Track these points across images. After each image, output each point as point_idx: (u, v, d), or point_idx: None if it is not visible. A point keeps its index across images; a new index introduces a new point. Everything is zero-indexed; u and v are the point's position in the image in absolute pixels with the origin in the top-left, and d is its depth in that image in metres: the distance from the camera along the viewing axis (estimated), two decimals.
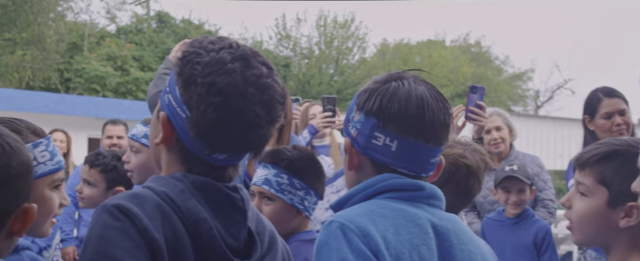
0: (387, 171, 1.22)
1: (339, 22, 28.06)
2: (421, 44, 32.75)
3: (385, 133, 1.20)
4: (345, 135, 1.28)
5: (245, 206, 1.17)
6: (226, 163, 1.16)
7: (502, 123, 3.77)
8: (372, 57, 31.15)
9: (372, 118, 1.21)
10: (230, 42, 1.15)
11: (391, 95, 1.21)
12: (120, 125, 5.02)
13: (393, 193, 1.21)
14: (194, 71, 1.10)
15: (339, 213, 1.18)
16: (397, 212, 1.18)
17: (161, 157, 1.20)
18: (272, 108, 1.13)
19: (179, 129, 1.13)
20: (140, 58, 23.11)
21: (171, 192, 1.11)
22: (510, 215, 3.18)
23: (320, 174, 1.98)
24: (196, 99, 1.09)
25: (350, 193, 1.25)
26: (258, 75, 1.12)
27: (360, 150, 1.23)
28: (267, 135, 1.16)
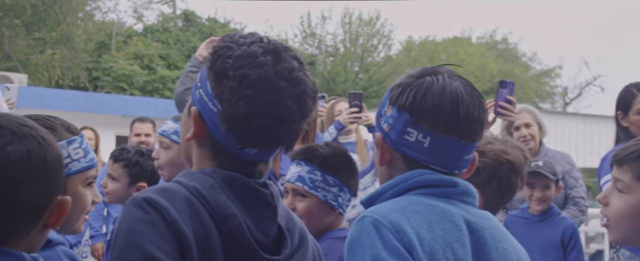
0: (419, 167, 1.20)
1: (364, 20, 27.99)
2: (447, 41, 32.50)
3: (418, 129, 1.18)
4: (377, 130, 1.26)
5: (275, 202, 1.17)
6: (257, 158, 1.16)
7: (531, 120, 3.72)
8: (397, 54, 31.01)
9: (405, 113, 1.19)
10: (261, 37, 1.15)
11: (425, 90, 1.19)
12: (148, 123, 5.07)
13: (426, 189, 1.19)
14: (225, 65, 1.11)
15: (371, 209, 1.16)
16: (431, 208, 1.16)
17: (192, 152, 1.20)
18: (303, 102, 1.13)
19: (210, 124, 1.13)
20: (167, 56, 23.32)
21: (201, 187, 1.11)
22: (535, 212, 3.12)
23: (354, 171, 1.97)
24: (228, 93, 1.09)
25: (381, 188, 1.24)
26: (289, 69, 1.12)
27: (392, 145, 1.22)
28: (298, 130, 1.15)
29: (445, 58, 29.64)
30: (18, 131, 1.00)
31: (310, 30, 28.39)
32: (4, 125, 0.99)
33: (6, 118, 1.00)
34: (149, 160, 2.49)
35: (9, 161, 0.97)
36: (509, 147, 1.70)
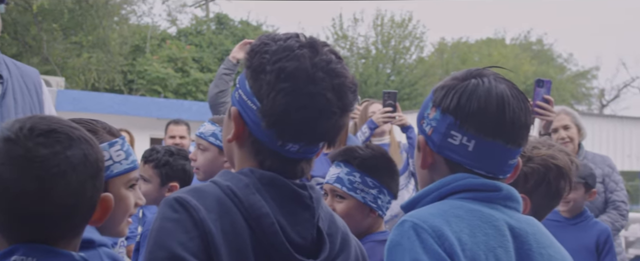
0: (462, 171, 1.18)
1: (396, 22, 27.86)
2: (480, 42, 32.16)
3: (463, 132, 1.16)
4: (419, 132, 1.24)
5: (313, 204, 1.15)
6: (299, 155, 1.14)
7: (570, 122, 3.64)
8: (429, 56, 30.79)
9: (449, 116, 1.17)
10: (297, 33, 1.15)
11: (470, 92, 1.16)
12: (182, 125, 5.12)
13: (468, 193, 1.16)
14: (262, 60, 1.11)
15: (411, 213, 1.14)
16: (472, 213, 1.13)
17: (234, 154, 1.19)
18: (343, 95, 1.11)
19: (250, 122, 1.12)
20: (200, 59, 23.55)
21: (235, 186, 1.11)
22: (565, 215, 3.06)
23: (394, 173, 1.95)
24: (266, 87, 1.09)
25: (422, 192, 1.21)
26: (327, 61, 1.11)
27: (434, 148, 1.19)
28: (340, 124, 1.13)
29: (478, 60, 29.33)
30: (72, 135, 1.03)
31: (342, 32, 28.38)
32: (59, 130, 1.02)
33: (59, 123, 1.03)
34: (180, 159, 2.49)
35: (71, 165, 1.00)
36: (556, 151, 1.68)
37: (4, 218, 1.01)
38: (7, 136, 1.01)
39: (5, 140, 1.00)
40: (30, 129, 1.01)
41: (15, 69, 2.63)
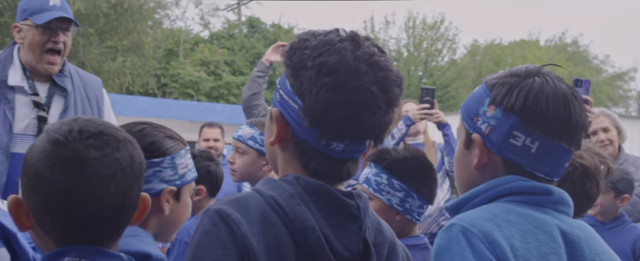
0: (521, 173, 1.13)
1: (428, 24, 27.66)
2: (514, 44, 31.73)
3: (527, 133, 1.11)
4: (470, 130, 1.18)
5: (361, 214, 1.10)
6: (345, 155, 1.09)
7: (609, 125, 3.56)
8: (462, 58, 30.49)
9: (513, 115, 1.12)
10: (337, 28, 1.11)
11: (536, 92, 1.11)
12: (216, 128, 5.16)
13: (517, 196, 1.12)
14: (302, 56, 1.07)
15: (460, 217, 1.10)
16: (524, 217, 1.09)
17: (277, 158, 1.15)
18: (388, 88, 1.06)
19: (292, 122, 1.08)
20: (232, 63, 23.71)
21: (279, 197, 1.06)
22: (600, 218, 2.99)
23: (426, 177, 1.89)
24: (307, 84, 1.05)
25: (469, 194, 1.17)
26: (370, 54, 1.06)
27: (493, 148, 1.14)
28: (386, 119, 1.08)
29: (511, 61, 28.94)
30: (119, 136, 1.03)
31: (374, 35, 28.28)
32: (107, 132, 1.02)
33: (105, 125, 1.04)
34: (203, 161, 2.49)
35: (120, 167, 1.00)
36: (586, 152, 1.64)
37: (53, 219, 1.01)
38: (55, 138, 1.00)
39: (54, 142, 1.00)
40: (79, 131, 1.00)
41: (79, 80, 2.71)
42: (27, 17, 2.58)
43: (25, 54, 2.62)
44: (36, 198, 1.00)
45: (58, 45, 2.59)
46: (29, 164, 1.01)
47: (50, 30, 2.57)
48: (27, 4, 2.62)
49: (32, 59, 2.59)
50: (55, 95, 2.63)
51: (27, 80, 2.59)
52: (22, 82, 2.59)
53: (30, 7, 2.59)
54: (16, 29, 2.63)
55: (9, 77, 2.57)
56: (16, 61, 2.62)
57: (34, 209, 1.01)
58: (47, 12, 2.55)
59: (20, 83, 2.58)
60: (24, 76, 2.60)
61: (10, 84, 2.56)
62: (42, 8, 2.56)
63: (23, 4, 2.64)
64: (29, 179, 1.01)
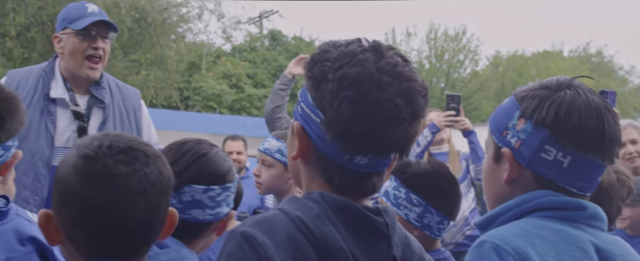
0: (552, 188, 1.10)
1: (450, 35, 27.58)
2: (537, 55, 31.47)
3: (559, 147, 1.09)
4: (500, 143, 1.16)
5: (389, 232, 1.07)
6: (369, 169, 1.05)
7: (638, 136, 3.50)
8: (484, 69, 30.31)
9: (544, 129, 1.09)
10: (359, 38, 1.08)
11: (568, 105, 1.09)
12: (239, 141, 5.17)
13: (549, 211, 1.09)
14: (323, 68, 1.04)
15: (491, 233, 1.07)
16: (557, 233, 1.06)
17: (300, 172, 1.12)
18: (413, 99, 1.03)
19: (314, 136, 1.05)
20: (254, 75, 23.84)
21: (306, 216, 1.02)
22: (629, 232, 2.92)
23: (447, 192, 1.83)
24: (329, 97, 1.02)
25: (499, 210, 1.14)
26: (393, 64, 1.03)
27: (523, 162, 1.12)
28: (411, 132, 1.04)
29: (535, 73, 28.69)
30: (148, 152, 1.03)
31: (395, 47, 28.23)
32: (136, 147, 1.03)
33: (134, 140, 1.04)
34: None
35: (149, 182, 1.01)
36: None
37: (83, 234, 1.01)
38: (86, 153, 1.01)
39: (85, 157, 1.00)
40: (109, 147, 1.01)
41: (117, 91, 2.73)
42: (66, 26, 2.62)
43: (65, 63, 2.64)
44: (67, 213, 1.01)
45: (98, 51, 2.61)
46: (60, 178, 1.02)
47: (90, 37, 2.60)
48: (66, 13, 2.66)
49: (73, 67, 2.62)
50: (94, 107, 2.65)
51: (67, 92, 2.62)
52: (64, 95, 2.61)
53: (69, 15, 2.63)
54: (56, 39, 2.66)
55: (51, 90, 2.60)
56: (57, 74, 2.65)
57: (65, 223, 1.02)
58: (86, 18, 2.59)
59: (62, 95, 2.61)
60: (65, 88, 2.62)
61: (52, 96, 2.59)
62: (80, 15, 2.60)
63: (62, 13, 2.68)
64: (59, 193, 1.02)
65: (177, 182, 1.40)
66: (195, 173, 1.44)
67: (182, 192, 1.43)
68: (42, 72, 2.64)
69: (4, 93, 1.45)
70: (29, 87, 2.59)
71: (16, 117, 1.45)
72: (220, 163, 1.47)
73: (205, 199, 1.45)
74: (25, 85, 2.59)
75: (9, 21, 14.22)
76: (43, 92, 2.59)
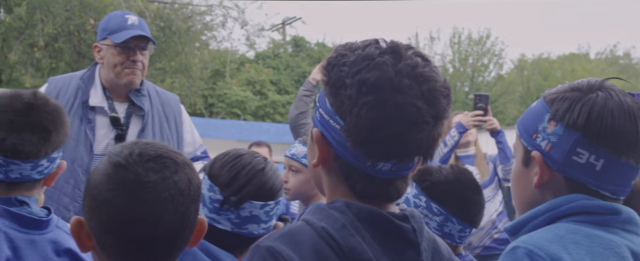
0: (584, 192, 1.08)
1: (474, 39, 27.40)
2: (563, 58, 31.11)
3: (592, 150, 1.06)
4: (529, 147, 1.14)
5: (417, 238, 1.03)
6: (393, 175, 1.02)
7: None
8: (509, 73, 30.05)
9: (575, 132, 1.07)
10: (376, 39, 1.04)
11: (601, 107, 1.07)
12: (264, 147, 5.20)
13: (583, 216, 1.07)
14: (341, 73, 1.00)
15: (523, 239, 1.05)
16: (591, 238, 1.03)
17: (322, 179, 1.09)
18: (435, 100, 0.98)
19: (335, 143, 1.01)
20: (277, 82, 23.96)
21: (331, 228, 0.99)
22: None
23: (469, 201, 1.78)
24: (347, 103, 0.98)
25: (530, 215, 1.11)
26: (413, 65, 0.99)
27: (554, 166, 1.09)
28: (434, 134, 1.00)
29: (560, 76, 28.36)
30: (177, 160, 1.04)
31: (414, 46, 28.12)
32: (165, 155, 1.04)
33: (164, 148, 1.05)
34: None
35: (178, 190, 1.02)
36: None
37: (114, 241, 1.02)
38: (117, 161, 1.02)
39: (116, 165, 1.02)
40: (139, 155, 1.02)
41: (157, 98, 2.73)
42: (106, 37, 2.62)
43: (105, 73, 2.65)
44: (98, 219, 1.02)
45: (136, 64, 2.61)
46: (91, 186, 1.04)
47: (128, 49, 2.60)
48: (106, 23, 2.66)
49: (112, 77, 2.62)
50: (134, 115, 2.65)
51: (106, 100, 2.63)
52: (103, 103, 2.62)
53: (109, 26, 2.63)
54: (96, 48, 2.67)
55: (90, 98, 2.62)
56: (97, 81, 2.66)
57: (96, 230, 1.03)
58: (125, 31, 2.58)
59: (101, 103, 2.62)
60: (104, 96, 2.64)
61: (91, 104, 2.61)
62: (120, 27, 2.60)
63: (102, 23, 2.69)
64: (91, 200, 1.03)
65: (238, 198, 1.43)
66: (256, 190, 1.45)
67: (242, 208, 1.44)
68: (82, 79, 2.66)
69: (50, 107, 1.47)
70: (69, 94, 2.61)
71: (61, 130, 1.47)
72: (276, 178, 1.50)
73: (262, 214, 1.46)
74: (65, 93, 2.61)
75: (37, 32, 14.47)
76: (82, 99, 2.60)
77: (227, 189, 1.44)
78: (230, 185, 1.45)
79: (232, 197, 1.44)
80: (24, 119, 1.42)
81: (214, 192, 1.46)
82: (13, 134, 1.40)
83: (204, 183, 1.46)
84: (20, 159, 1.42)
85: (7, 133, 1.40)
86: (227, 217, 1.44)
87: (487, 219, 3.79)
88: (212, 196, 1.45)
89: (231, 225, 1.44)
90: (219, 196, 1.45)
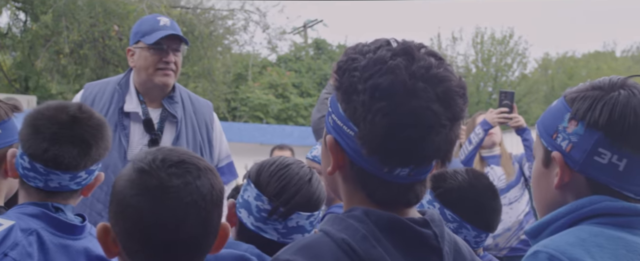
0: (607, 192, 1.05)
1: (497, 39, 27.18)
2: (588, 56, 30.72)
3: (614, 150, 1.04)
4: (549, 147, 1.11)
5: (440, 244, 1.00)
6: (411, 179, 0.99)
7: None
8: (533, 72, 29.75)
9: (597, 132, 1.05)
10: (387, 40, 1.00)
11: (623, 105, 1.04)
12: (287, 151, 5.22)
13: (606, 218, 1.04)
14: (352, 79, 0.97)
15: (544, 243, 1.02)
16: (616, 241, 1.01)
17: (339, 187, 1.05)
18: (451, 102, 0.95)
19: (350, 150, 0.98)
20: (299, 85, 24.01)
21: (352, 239, 0.96)
22: None
23: (484, 208, 1.74)
24: (361, 109, 0.95)
25: (551, 217, 1.09)
26: (427, 67, 0.95)
27: (575, 167, 1.07)
28: (451, 136, 0.97)
29: (585, 74, 28.00)
30: (200, 165, 1.06)
31: (441, 52, 27.95)
32: (188, 161, 1.06)
33: (187, 154, 1.07)
34: None
35: (201, 195, 1.03)
36: None
37: (139, 247, 1.04)
38: (140, 167, 1.04)
39: (140, 171, 1.04)
40: (162, 160, 1.04)
41: (190, 105, 2.73)
42: (139, 39, 2.63)
43: (138, 77, 2.66)
44: (123, 225, 1.04)
45: (169, 65, 2.61)
46: (116, 191, 1.06)
47: (161, 50, 2.60)
48: (139, 26, 2.68)
49: (145, 79, 2.63)
50: (167, 121, 2.66)
51: (140, 105, 2.64)
52: (137, 108, 2.63)
53: (142, 29, 2.64)
54: (129, 52, 2.68)
55: (125, 104, 2.63)
56: (132, 87, 2.67)
57: (121, 235, 1.05)
58: (157, 32, 2.59)
59: (135, 109, 2.63)
60: (139, 101, 2.65)
61: (126, 110, 2.62)
62: (152, 29, 2.61)
63: (135, 27, 2.70)
64: (116, 206, 1.05)
65: (286, 209, 1.43)
66: (305, 201, 1.46)
67: (290, 219, 1.45)
68: (118, 85, 2.67)
69: (93, 121, 1.50)
70: (104, 100, 2.63)
71: (102, 144, 1.51)
72: (321, 188, 1.50)
73: (307, 224, 1.48)
74: (100, 99, 2.63)
75: (62, 39, 14.69)
76: (118, 105, 2.61)
77: (276, 199, 1.44)
78: (279, 195, 1.45)
79: (281, 208, 1.44)
80: (67, 132, 1.46)
81: (261, 201, 1.45)
82: (56, 146, 1.44)
83: (250, 191, 1.47)
84: (60, 170, 1.46)
85: (50, 144, 1.44)
86: (274, 227, 1.45)
87: (514, 220, 3.75)
88: (260, 206, 1.45)
89: (278, 235, 1.45)
90: (267, 206, 1.45)
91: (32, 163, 1.45)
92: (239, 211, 1.49)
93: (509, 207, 3.76)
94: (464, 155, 3.67)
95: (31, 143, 1.45)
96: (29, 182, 1.48)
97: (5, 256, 1.33)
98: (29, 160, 1.45)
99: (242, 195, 1.50)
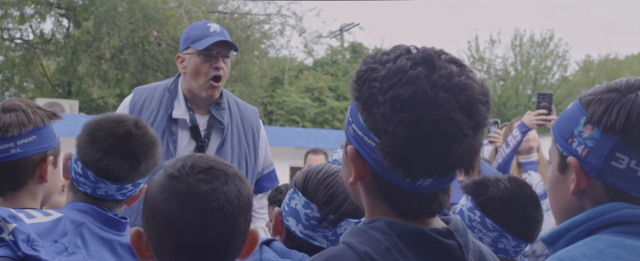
0: (626, 199, 1.02)
1: (536, 41, 26.76)
2: (631, 58, 29.99)
3: (632, 155, 1.00)
4: (564, 152, 1.08)
5: (464, 255, 0.98)
6: (434, 189, 0.98)
7: None
8: (574, 75, 29.19)
9: (613, 136, 1.01)
10: (407, 47, 0.99)
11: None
12: (320, 155, 5.25)
13: (625, 226, 1.01)
14: (372, 90, 0.95)
15: (559, 255, 0.99)
16: (635, 252, 0.97)
17: (361, 197, 1.04)
18: (474, 110, 0.94)
19: (371, 161, 0.97)
20: (336, 88, 24.04)
21: (374, 252, 0.94)
22: None
23: (526, 219, 1.73)
24: (382, 121, 0.94)
25: (567, 225, 1.05)
26: (448, 76, 0.94)
27: (592, 172, 1.03)
28: (475, 145, 0.96)
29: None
30: (228, 171, 1.10)
31: (479, 55, 27.71)
32: (216, 167, 1.10)
33: (216, 160, 1.12)
34: None
35: (227, 200, 1.07)
36: None
37: (168, 250, 1.08)
38: (171, 173, 1.09)
39: (170, 177, 1.09)
40: (191, 167, 1.09)
41: (237, 112, 2.75)
42: (189, 45, 2.66)
43: (187, 83, 2.68)
44: (154, 229, 1.08)
45: (219, 71, 2.64)
46: (148, 197, 1.10)
47: (211, 56, 2.63)
48: (189, 32, 2.71)
49: (194, 87, 2.65)
50: (214, 128, 2.68)
51: (188, 112, 2.67)
52: (185, 115, 2.67)
53: (192, 35, 2.67)
54: (179, 59, 2.71)
55: (173, 110, 2.67)
56: (180, 93, 2.71)
57: (152, 239, 1.09)
58: (208, 38, 2.62)
59: (183, 116, 2.67)
60: (186, 108, 2.68)
61: (174, 117, 2.66)
62: (202, 35, 2.63)
63: (185, 33, 2.74)
64: (147, 211, 1.10)
65: (336, 217, 1.45)
66: (353, 209, 1.45)
67: (339, 226, 1.46)
68: (167, 91, 2.70)
69: (146, 138, 1.56)
70: (153, 105, 2.67)
71: (151, 161, 1.57)
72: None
73: None
74: (149, 104, 2.67)
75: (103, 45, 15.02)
76: (166, 112, 2.65)
77: (325, 207, 1.45)
78: (328, 203, 1.45)
79: (331, 215, 1.45)
80: (120, 146, 1.51)
81: (311, 209, 1.46)
82: (108, 157, 1.50)
83: (298, 199, 1.48)
84: (109, 180, 1.52)
85: (103, 155, 1.50)
86: (324, 234, 1.46)
87: (551, 227, 3.69)
88: (309, 214, 1.46)
89: (327, 242, 1.46)
90: (316, 214, 1.45)
91: (84, 170, 1.52)
92: (286, 219, 1.49)
93: (546, 214, 3.71)
94: (501, 158, 3.62)
95: (86, 151, 1.51)
96: (79, 186, 1.54)
97: (55, 242, 1.40)
98: (82, 167, 1.52)
99: (289, 203, 1.50)
